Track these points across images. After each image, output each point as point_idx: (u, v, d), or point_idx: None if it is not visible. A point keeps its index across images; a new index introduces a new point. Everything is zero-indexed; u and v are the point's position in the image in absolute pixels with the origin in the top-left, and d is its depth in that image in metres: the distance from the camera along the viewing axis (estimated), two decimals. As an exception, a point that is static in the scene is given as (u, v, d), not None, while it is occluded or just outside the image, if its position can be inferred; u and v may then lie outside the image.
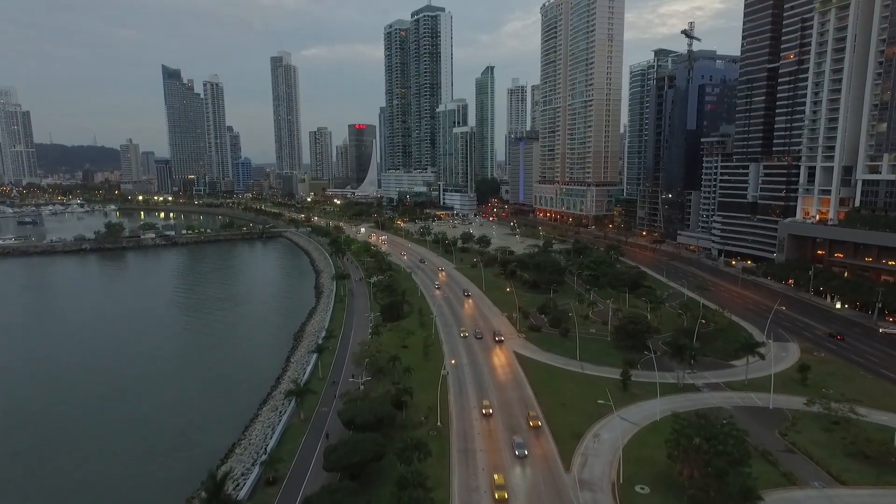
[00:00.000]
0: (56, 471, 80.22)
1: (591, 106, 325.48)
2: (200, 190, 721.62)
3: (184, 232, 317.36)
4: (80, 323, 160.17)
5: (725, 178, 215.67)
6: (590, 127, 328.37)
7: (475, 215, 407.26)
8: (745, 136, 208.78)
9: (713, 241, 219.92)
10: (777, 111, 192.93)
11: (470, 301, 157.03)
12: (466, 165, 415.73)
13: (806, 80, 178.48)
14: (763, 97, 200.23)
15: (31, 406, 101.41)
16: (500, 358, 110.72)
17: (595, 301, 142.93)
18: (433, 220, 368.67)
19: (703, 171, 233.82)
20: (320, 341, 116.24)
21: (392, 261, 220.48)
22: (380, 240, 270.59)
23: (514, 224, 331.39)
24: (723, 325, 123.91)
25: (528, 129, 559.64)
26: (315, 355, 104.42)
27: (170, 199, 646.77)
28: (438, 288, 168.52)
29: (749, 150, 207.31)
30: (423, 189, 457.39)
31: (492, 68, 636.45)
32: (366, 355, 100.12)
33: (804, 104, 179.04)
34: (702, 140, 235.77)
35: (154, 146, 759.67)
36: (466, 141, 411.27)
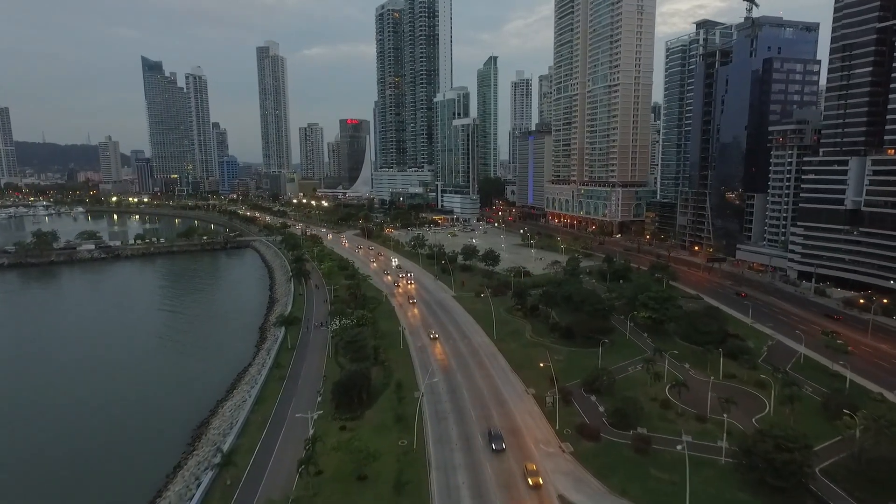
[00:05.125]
0: None
1: (616, 91, 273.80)
2: (183, 190, 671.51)
3: (130, 243, 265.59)
4: None
5: (810, 177, 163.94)
6: (614, 117, 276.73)
7: (478, 220, 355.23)
8: (840, 121, 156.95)
9: (791, 261, 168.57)
10: (893, 86, 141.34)
11: (475, 359, 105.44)
12: (468, 163, 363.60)
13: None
14: (868, 68, 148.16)
15: None
16: (535, 513, 59.27)
17: (681, 379, 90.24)
18: (429, 227, 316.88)
19: (772, 168, 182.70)
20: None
21: (373, 283, 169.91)
22: (407, 282, 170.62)
23: (525, 232, 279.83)
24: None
25: (535, 123, 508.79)
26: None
27: (145, 200, 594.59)
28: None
29: (845, 140, 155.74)
30: (419, 190, 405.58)
31: (495, 58, 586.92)
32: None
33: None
34: (770, 129, 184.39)
35: (144, 145, 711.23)
36: (468, 134, 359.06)
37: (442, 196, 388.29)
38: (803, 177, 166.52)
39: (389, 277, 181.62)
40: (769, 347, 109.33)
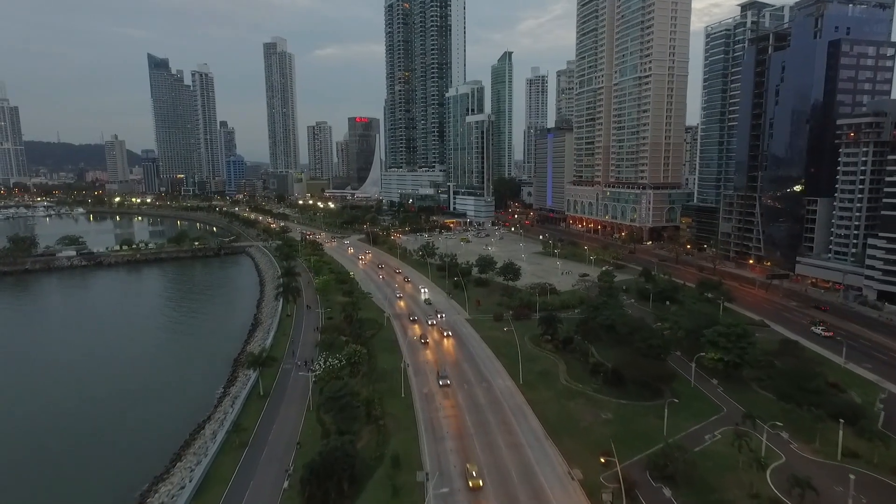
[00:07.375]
0: None
1: (647, 84, 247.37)
2: (189, 190, 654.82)
3: (115, 248, 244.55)
4: None
5: (895, 179, 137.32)
6: (645, 112, 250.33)
7: (493, 224, 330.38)
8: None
9: (869, 278, 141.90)
10: None
11: (497, 415, 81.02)
12: (482, 162, 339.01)
13: None
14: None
15: None
16: None
17: (804, 479, 64.54)
18: (439, 232, 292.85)
19: (841, 168, 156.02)
20: None
21: (374, 301, 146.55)
22: (442, 334, 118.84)
23: (546, 238, 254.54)
24: None
25: (552, 121, 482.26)
26: None
27: (148, 200, 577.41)
28: None
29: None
30: (430, 191, 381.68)
31: (510, 54, 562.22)
32: None
33: None
34: (838, 122, 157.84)
35: (153, 144, 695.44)
36: (483, 131, 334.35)
37: (454, 198, 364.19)
38: (887, 178, 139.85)
39: (418, 328, 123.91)
40: (883, 402, 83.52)
